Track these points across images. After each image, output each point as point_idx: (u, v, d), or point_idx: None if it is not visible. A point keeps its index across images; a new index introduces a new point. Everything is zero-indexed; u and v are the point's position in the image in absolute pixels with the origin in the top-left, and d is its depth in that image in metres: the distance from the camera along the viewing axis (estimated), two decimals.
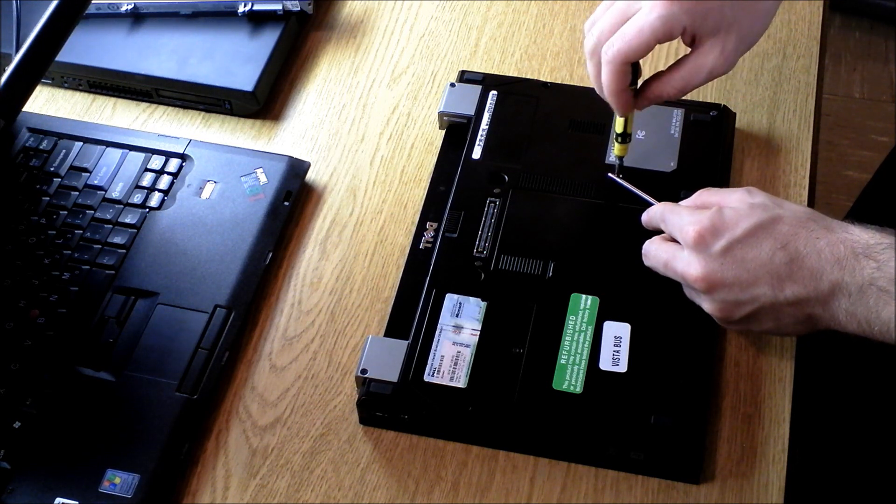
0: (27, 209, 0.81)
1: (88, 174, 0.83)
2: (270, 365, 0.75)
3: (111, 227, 0.80)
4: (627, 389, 0.69)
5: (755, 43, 0.72)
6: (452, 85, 0.87)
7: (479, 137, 0.83)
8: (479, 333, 0.72)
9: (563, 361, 0.70)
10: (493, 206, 0.79)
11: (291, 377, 0.74)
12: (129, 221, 0.80)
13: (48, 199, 0.82)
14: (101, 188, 0.82)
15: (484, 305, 0.73)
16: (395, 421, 0.71)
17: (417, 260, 0.77)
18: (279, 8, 0.91)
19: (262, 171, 0.83)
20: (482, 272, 0.75)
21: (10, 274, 0.77)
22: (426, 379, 0.70)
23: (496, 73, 0.90)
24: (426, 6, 0.96)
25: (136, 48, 0.90)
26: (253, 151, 0.85)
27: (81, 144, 0.85)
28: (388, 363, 0.71)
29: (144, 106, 0.91)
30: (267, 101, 0.89)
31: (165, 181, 0.82)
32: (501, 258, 0.76)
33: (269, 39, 0.90)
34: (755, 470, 0.69)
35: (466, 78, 0.88)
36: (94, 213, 0.81)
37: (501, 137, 0.83)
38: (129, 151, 0.84)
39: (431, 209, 0.80)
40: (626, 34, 0.67)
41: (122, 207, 0.81)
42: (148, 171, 0.83)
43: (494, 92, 0.86)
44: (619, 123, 0.77)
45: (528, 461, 0.70)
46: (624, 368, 0.70)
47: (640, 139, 0.82)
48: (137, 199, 0.81)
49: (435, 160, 0.84)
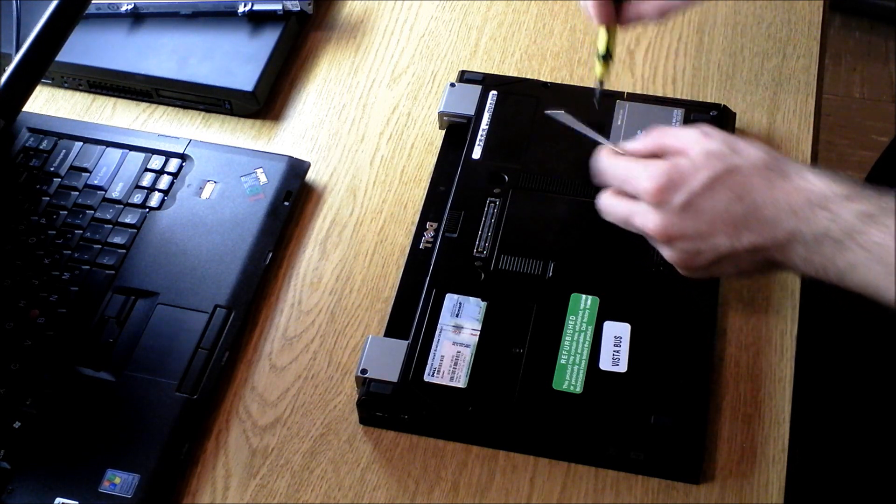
0: (27, 209, 0.81)
1: (88, 174, 0.83)
2: (270, 365, 0.75)
3: (111, 227, 0.80)
4: (627, 389, 0.69)
5: None
6: (452, 85, 0.87)
7: (479, 137, 0.83)
8: (479, 333, 0.72)
9: (563, 361, 0.70)
10: (493, 206, 0.79)
11: (291, 377, 0.74)
12: (129, 221, 0.80)
13: (48, 199, 0.82)
14: (101, 188, 0.82)
15: (484, 305, 0.73)
16: (395, 421, 0.71)
17: (417, 260, 0.77)
18: (279, 8, 0.91)
19: (262, 171, 0.83)
20: (482, 272, 0.75)
21: (10, 274, 0.77)
22: (426, 379, 0.70)
23: (496, 73, 0.90)
24: (426, 6, 0.96)
25: (136, 48, 0.90)
26: (253, 151, 0.85)
27: (81, 144, 0.85)
28: (388, 363, 0.71)
29: (144, 106, 0.91)
30: (267, 101, 0.89)
31: (165, 181, 0.82)
32: (501, 258, 0.76)
33: (269, 39, 0.90)
34: (755, 470, 0.69)
35: (466, 78, 0.88)
36: (94, 213, 0.81)
37: (501, 137, 0.83)
38: (129, 151, 0.84)
39: (431, 209, 0.80)
40: None
41: (122, 207, 0.81)
42: (148, 171, 0.83)
43: (494, 92, 0.86)
44: (601, 41, 0.76)
45: (528, 461, 0.70)
46: (624, 368, 0.70)
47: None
48: (137, 199, 0.81)
49: (435, 160, 0.84)
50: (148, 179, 0.83)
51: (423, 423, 0.70)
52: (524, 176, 0.80)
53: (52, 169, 0.83)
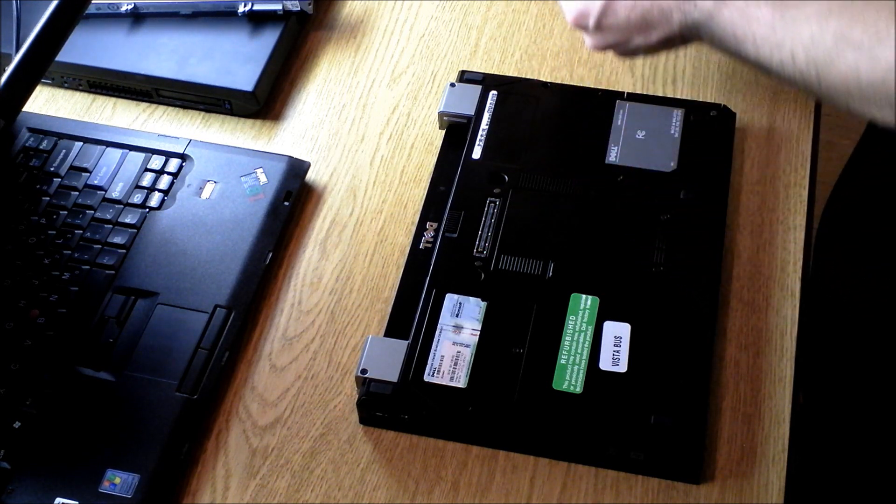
0: (27, 209, 0.81)
1: (88, 174, 0.83)
2: (270, 365, 0.75)
3: (111, 227, 0.80)
4: (627, 389, 0.69)
5: None
6: (452, 85, 0.87)
7: (479, 137, 0.83)
8: (479, 333, 0.72)
9: (563, 361, 0.70)
10: (493, 206, 0.79)
11: (291, 377, 0.74)
12: (129, 221, 0.80)
13: (48, 199, 0.82)
14: (101, 188, 0.82)
15: (484, 305, 0.73)
16: (395, 421, 0.71)
17: (417, 260, 0.77)
18: (279, 8, 0.91)
19: (262, 171, 0.83)
20: (482, 272, 0.75)
21: (10, 274, 0.77)
22: (426, 379, 0.70)
23: (496, 73, 0.90)
24: (426, 6, 0.96)
25: (136, 48, 0.90)
26: (253, 151, 0.85)
27: (81, 144, 0.85)
28: (388, 363, 0.71)
29: (144, 106, 0.91)
30: (267, 101, 0.89)
31: (165, 181, 0.82)
32: (501, 258, 0.76)
33: (269, 39, 0.90)
34: (755, 470, 0.69)
35: (466, 78, 0.88)
36: (94, 213, 0.81)
37: (501, 137, 0.83)
38: (129, 151, 0.84)
39: (431, 209, 0.80)
40: None
41: (122, 207, 0.81)
42: (148, 171, 0.83)
43: (494, 92, 0.86)
44: None
45: (528, 461, 0.70)
46: (624, 368, 0.70)
47: (640, 139, 0.82)
48: (137, 199, 0.81)
49: (435, 160, 0.84)
50: (148, 179, 0.83)
51: (423, 423, 0.70)
52: (524, 176, 0.80)
53: (52, 169, 0.83)
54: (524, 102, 0.85)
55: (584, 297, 0.73)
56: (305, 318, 0.77)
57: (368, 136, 0.88)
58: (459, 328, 0.72)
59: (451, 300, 0.74)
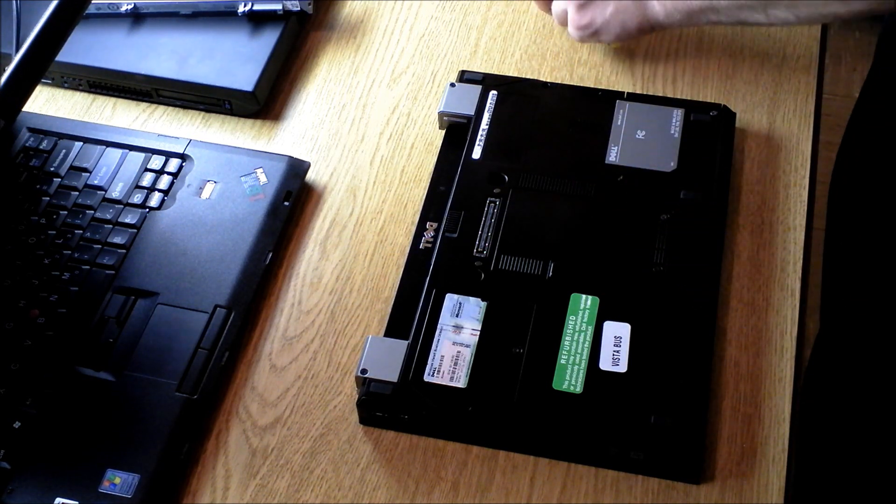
0: (27, 209, 0.81)
1: (88, 174, 0.83)
2: (270, 365, 0.75)
3: (111, 227, 0.80)
4: (627, 389, 0.69)
5: None
6: (452, 85, 0.87)
7: (479, 137, 0.83)
8: (479, 333, 0.72)
9: (563, 361, 0.70)
10: (493, 206, 0.79)
11: (291, 377, 0.74)
12: (129, 221, 0.80)
13: (48, 199, 0.82)
14: (101, 188, 0.82)
15: (484, 305, 0.73)
16: (395, 421, 0.71)
17: (417, 260, 0.77)
18: (279, 8, 0.91)
19: (262, 171, 0.83)
20: (482, 272, 0.75)
21: (10, 274, 0.77)
22: (426, 379, 0.70)
23: (496, 73, 0.90)
24: (426, 6, 0.96)
25: (136, 48, 0.90)
26: (253, 151, 0.85)
27: (81, 144, 0.85)
28: (388, 363, 0.71)
29: (144, 106, 0.91)
30: (267, 101, 0.89)
31: (165, 181, 0.82)
32: (501, 258, 0.76)
33: (269, 39, 0.90)
34: (755, 470, 0.69)
35: (466, 78, 0.88)
36: (94, 213, 0.81)
37: (501, 137, 0.83)
38: (129, 151, 0.84)
39: (431, 209, 0.80)
40: None
41: (122, 207, 0.81)
42: (148, 171, 0.83)
43: (494, 92, 0.86)
44: None
45: (528, 461, 0.70)
46: (624, 368, 0.70)
47: (640, 139, 0.82)
48: (137, 199, 0.81)
49: (435, 160, 0.84)
50: (148, 179, 0.83)
51: (423, 423, 0.70)
52: (524, 176, 0.80)
53: (52, 169, 0.83)
54: (524, 102, 0.85)
55: (584, 297, 0.73)
56: (305, 318, 0.77)
57: (368, 136, 0.88)
58: (459, 328, 0.72)
59: (451, 300, 0.74)
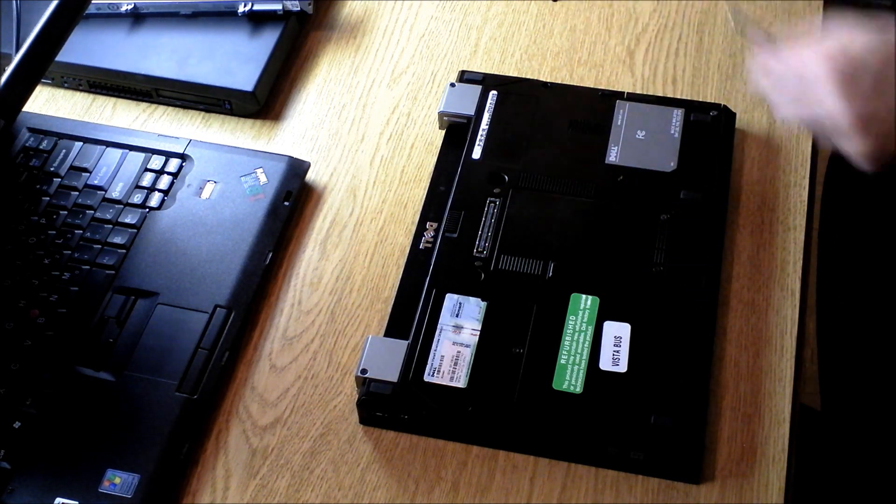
0: (27, 209, 0.81)
1: (88, 174, 0.83)
2: (270, 365, 0.75)
3: (111, 227, 0.80)
4: (627, 389, 0.69)
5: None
6: (452, 85, 0.87)
7: (479, 137, 0.83)
8: (479, 333, 0.72)
9: (563, 361, 0.70)
10: (493, 206, 0.79)
11: (291, 377, 0.74)
12: (129, 221, 0.80)
13: (48, 199, 0.82)
14: (101, 188, 0.82)
15: (484, 305, 0.73)
16: (395, 421, 0.71)
17: (417, 260, 0.77)
18: (279, 8, 0.91)
19: (262, 171, 0.83)
20: (482, 272, 0.75)
21: (10, 274, 0.77)
22: (426, 379, 0.70)
23: (496, 73, 0.90)
24: (426, 6, 0.96)
25: (136, 48, 0.90)
26: (253, 151, 0.85)
27: (81, 144, 0.85)
28: (388, 363, 0.71)
29: (144, 106, 0.91)
30: (267, 101, 0.89)
31: (165, 181, 0.82)
32: (501, 258, 0.76)
33: (269, 39, 0.90)
34: (755, 470, 0.69)
35: (466, 78, 0.88)
36: (94, 213, 0.81)
37: (501, 137, 0.83)
38: (129, 151, 0.84)
39: (431, 209, 0.80)
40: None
41: (122, 207, 0.81)
42: (148, 171, 0.83)
43: (494, 92, 0.86)
44: None
45: (528, 461, 0.70)
46: (624, 368, 0.70)
47: (640, 139, 0.82)
48: (137, 199, 0.81)
49: (435, 160, 0.84)
50: (148, 179, 0.83)
51: (423, 423, 0.70)
52: (524, 176, 0.80)
53: (52, 169, 0.83)
54: (524, 102, 0.85)
55: (584, 297, 0.73)
56: (305, 318, 0.77)
57: (368, 136, 0.88)
58: (459, 328, 0.72)
59: (451, 300, 0.74)
